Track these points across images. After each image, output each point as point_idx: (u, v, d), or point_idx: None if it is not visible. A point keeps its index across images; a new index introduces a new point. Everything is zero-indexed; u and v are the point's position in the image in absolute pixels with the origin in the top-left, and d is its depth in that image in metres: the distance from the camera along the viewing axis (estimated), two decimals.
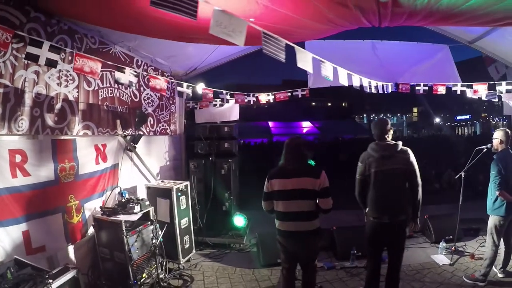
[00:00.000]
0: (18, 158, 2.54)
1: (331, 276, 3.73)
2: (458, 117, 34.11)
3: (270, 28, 2.91)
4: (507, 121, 6.24)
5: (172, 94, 4.57)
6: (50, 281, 2.12)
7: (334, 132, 21.55)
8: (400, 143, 2.90)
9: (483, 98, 4.70)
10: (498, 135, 3.44)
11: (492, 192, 3.33)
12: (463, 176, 4.07)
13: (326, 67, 3.32)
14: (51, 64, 2.19)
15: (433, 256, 4.19)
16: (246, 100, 4.43)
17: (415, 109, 40.92)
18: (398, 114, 44.18)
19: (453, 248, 4.23)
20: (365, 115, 43.81)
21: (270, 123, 24.50)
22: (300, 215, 2.61)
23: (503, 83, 4.20)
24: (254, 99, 4.46)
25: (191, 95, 3.65)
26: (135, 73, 2.75)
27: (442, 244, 4.35)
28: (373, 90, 4.24)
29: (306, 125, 26.17)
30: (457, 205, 4.17)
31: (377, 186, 2.86)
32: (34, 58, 2.13)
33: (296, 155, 2.67)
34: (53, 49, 2.18)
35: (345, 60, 4.75)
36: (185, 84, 3.56)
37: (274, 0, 2.27)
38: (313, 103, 36.36)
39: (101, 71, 2.67)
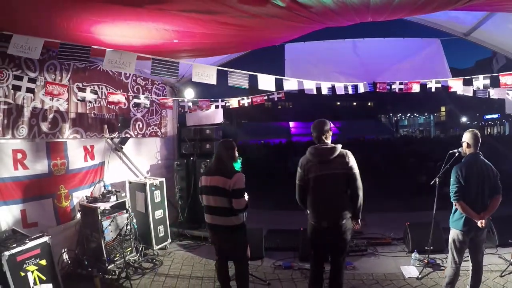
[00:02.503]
0: (19, 156, 3.70)
1: (285, 275, 4.18)
2: (487, 116, 34.36)
3: (203, 45, 3.54)
4: None
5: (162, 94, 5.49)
6: (27, 241, 3.14)
7: (355, 132, 21.09)
8: (339, 146, 3.07)
9: (469, 94, 4.52)
10: (465, 138, 3.30)
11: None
12: (437, 182, 3.96)
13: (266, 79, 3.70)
14: (29, 91, 3.25)
15: (402, 267, 4.25)
16: (214, 106, 5.05)
17: (442, 108, 41.49)
18: (426, 114, 45.15)
19: (425, 260, 4.21)
20: (391, 114, 45.20)
21: (291, 124, 24.95)
22: (216, 209, 3.16)
23: (480, 77, 4.11)
24: (223, 104, 5.04)
25: (148, 105, 4.47)
26: (95, 91, 3.67)
27: (415, 255, 4.37)
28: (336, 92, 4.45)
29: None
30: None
31: (316, 191, 3.07)
32: (18, 88, 3.20)
33: (221, 156, 3.23)
34: (30, 80, 3.22)
35: (323, 61, 5.12)
36: (142, 96, 4.39)
37: (179, 25, 2.87)
38: (338, 103, 37.95)
39: (88, 86, 3.67)
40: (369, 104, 42.68)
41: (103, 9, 2.53)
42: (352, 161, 3.02)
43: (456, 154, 3.55)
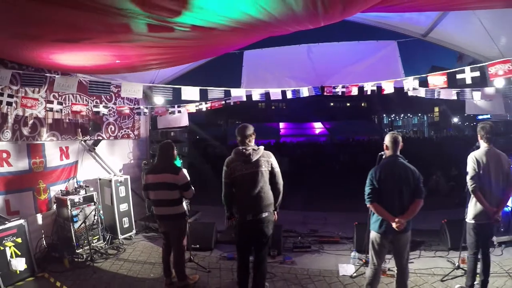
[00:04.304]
0: (4, 155, 5.07)
1: (226, 265, 5.24)
2: (480, 117, 34.51)
3: (149, 61, 4.65)
4: None
5: (137, 105, 6.71)
6: (6, 222, 4.45)
7: (346, 133, 22.08)
8: (261, 147, 3.88)
9: (421, 95, 5.18)
10: (385, 140, 3.71)
11: None
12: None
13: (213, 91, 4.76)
14: (9, 104, 4.53)
15: (341, 265, 4.99)
16: (170, 111, 6.17)
17: (436, 109, 45.25)
18: (419, 114, 51.75)
19: (363, 260, 4.92)
20: (385, 115, 51.09)
21: (281, 124, 26.54)
22: (165, 202, 4.31)
23: (410, 78, 4.78)
24: (180, 109, 6.15)
25: (106, 113, 5.69)
26: (60, 102, 4.96)
27: (354, 254, 5.09)
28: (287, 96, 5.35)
29: (319, 126, 27.26)
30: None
31: (242, 187, 3.83)
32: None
33: (164, 156, 4.41)
34: (9, 96, 4.50)
35: (277, 67, 6.10)
36: (101, 105, 5.61)
37: (113, 51, 4.00)
38: (332, 104, 43.24)
39: (62, 95, 4.96)
40: (362, 104, 46.82)
41: (50, 45, 3.74)
42: (274, 161, 3.89)
43: (384, 156, 3.85)
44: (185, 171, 4.37)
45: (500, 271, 4.59)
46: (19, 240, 4.60)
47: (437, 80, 4.57)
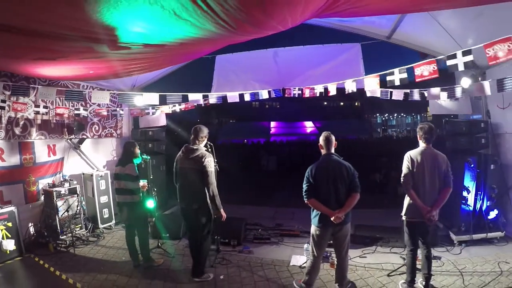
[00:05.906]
0: None
1: (187, 251, 6.16)
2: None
3: (118, 71, 5.73)
4: None
5: (120, 107, 7.84)
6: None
7: (335, 133, 23.10)
8: (202, 148, 4.82)
9: (377, 95, 5.94)
10: (319, 140, 4.29)
11: None
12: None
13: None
14: (2, 108, 5.72)
15: (294, 256, 5.78)
16: (146, 112, 7.24)
17: (429, 109, 43.46)
18: (413, 114, 55.48)
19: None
20: (378, 114, 55.71)
21: (272, 123, 27.74)
22: (120, 190, 5.49)
23: (349, 81, 5.41)
24: (154, 111, 7.19)
25: (86, 115, 6.81)
26: (45, 105, 6.09)
27: (306, 246, 5.61)
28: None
29: (310, 125, 28.45)
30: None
31: (180, 179, 4.88)
32: None
33: (124, 152, 5.63)
34: (2, 101, 5.68)
35: (245, 71, 7.06)
36: (81, 108, 6.73)
37: (84, 65, 5.09)
38: (325, 103, 46.31)
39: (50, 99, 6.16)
40: (356, 104, 49.65)
41: (33, 62, 4.88)
42: (207, 162, 4.66)
43: None
44: (133, 166, 5.44)
45: (453, 270, 5.02)
46: (9, 224, 5.78)
47: (371, 82, 5.12)
